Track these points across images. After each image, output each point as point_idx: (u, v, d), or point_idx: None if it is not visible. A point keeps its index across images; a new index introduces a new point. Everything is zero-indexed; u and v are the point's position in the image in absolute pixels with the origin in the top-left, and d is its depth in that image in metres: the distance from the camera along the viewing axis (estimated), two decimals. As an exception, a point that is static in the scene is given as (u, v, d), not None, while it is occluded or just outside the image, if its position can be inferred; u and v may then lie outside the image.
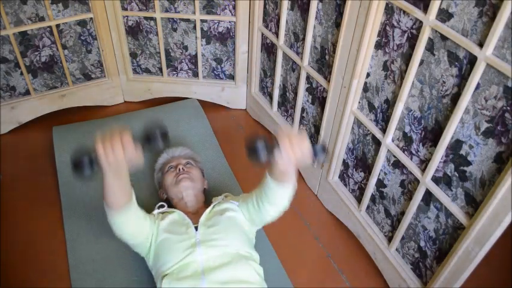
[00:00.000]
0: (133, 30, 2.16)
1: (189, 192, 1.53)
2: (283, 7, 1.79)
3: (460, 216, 1.22)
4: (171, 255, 1.31)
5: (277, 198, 1.27)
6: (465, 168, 1.19)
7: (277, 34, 1.92)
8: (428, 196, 1.34)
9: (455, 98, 1.16)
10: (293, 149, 1.03)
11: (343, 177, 1.79)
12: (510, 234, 1.25)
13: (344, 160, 1.75)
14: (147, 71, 2.32)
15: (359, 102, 1.55)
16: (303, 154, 1.04)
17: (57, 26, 2.01)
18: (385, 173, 1.52)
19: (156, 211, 1.46)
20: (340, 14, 1.51)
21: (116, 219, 1.28)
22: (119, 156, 1.00)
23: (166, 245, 1.34)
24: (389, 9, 1.29)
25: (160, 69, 2.29)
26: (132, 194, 1.26)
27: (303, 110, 1.94)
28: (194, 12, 2.05)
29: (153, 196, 1.79)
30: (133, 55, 2.25)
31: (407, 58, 1.28)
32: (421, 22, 1.18)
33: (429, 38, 1.18)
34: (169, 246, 1.34)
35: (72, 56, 2.14)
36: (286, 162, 1.06)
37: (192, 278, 1.25)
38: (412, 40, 1.24)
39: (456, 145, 1.19)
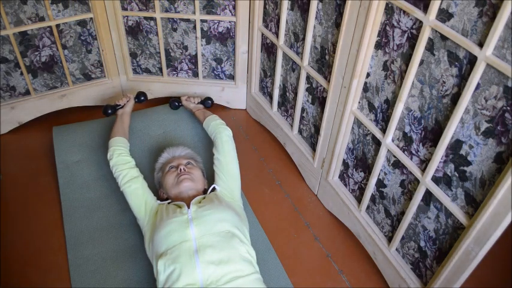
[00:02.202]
0: (133, 30, 2.16)
1: (189, 192, 1.54)
2: (283, 7, 1.79)
3: (460, 216, 1.22)
4: (165, 230, 1.36)
5: (216, 131, 1.73)
6: (465, 168, 1.19)
7: (277, 34, 1.92)
8: (428, 196, 1.34)
9: (455, 98, 1.16)
10: (189, 100, 2.01)
11: (343, 177, 1.79)
12: (510, 234, 1.25)
13: (344, 160, 1.75)
14: (147, 71, 2.32)
15: (359, 102, 1.55)
16: (196, 100, 2.00)
17: (57, 26, 2.01)
18: (385, 173, 1.52)
19: (158, 202, 1.56)
20: (340, 14, 1.51)
21: (112, 144, 1.66)
22: (125, 101, 1.92)
23: (161, 223, 1.40)
24: (389, 9, 1.29)
25: (160, 69, 2.29)
26: (127, 137, 1.77)
27: (303, 110, 1.94)
28: (194, 12, 2.05)
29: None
30: (133, 55, 2.25)
31: (407, 58, 1.28)
32: (421, 22, 1.18)
33: (429, 38, 1.18)
34: (163, 223, 1.39)
35: (72, 56, 2.14)
36: (190, 105, 2.00)
37: (186, 258, 1.29)
38: (412, 40, 1.24)
39: (456, 145, 1.19)
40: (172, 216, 1.40)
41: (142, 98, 2.03)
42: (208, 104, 2.00)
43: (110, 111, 1.90)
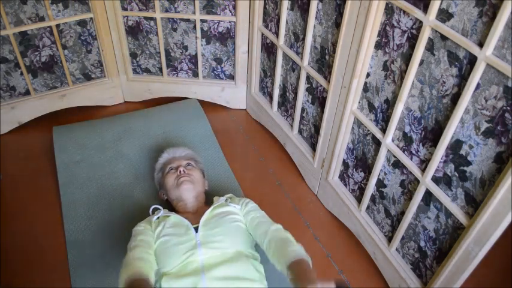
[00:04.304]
0: (133, 30, 2.16)
1: (190, 194, 1.53)
2: (283, 7, 1.79)
3: (460, 216, 1.22)
4: (172, 258, 1.31)
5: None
6: (465, 168, 1.19)
7: (277, 34, 1.92)
8: (428, 196, 1.34)
9: (455, 98, 1.16)
10: None
11: (343, 177, 1.79)
12: (510, 234, 1.25)
13: (344, 160, 1.75)
14: (147, 71, 2.32)
15: (359, 102, 1.55)
16: None
17: (57, 26, 2.01)
18: (385, 173, 1.52)
19: (154, 218, 1.44)
20: (340, 14, 1.51)
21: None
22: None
23: (166, 247, 1.34)
24: (389, 9, 1.29)
25: (160, 69, 2.30)
26: None
27: (303, 110, 1.94)
28: (194, 12, 2.05)
29: (154, 196, 1.79)
30: (133, 55, 2.25)
31: (407, 58, 1.28)
32: (421, 22, 1.18)
33: (429, 38, 1.18)
34: (169, 248, 1.33)
35: (72, 56, 2.14)
36: None
37: (192, 276, 1.26)
38: (412, 40, 1.24)
39: (456, 145, 1.19)
40: (179, 241, 1.33)
41: None
42: None
43: None
